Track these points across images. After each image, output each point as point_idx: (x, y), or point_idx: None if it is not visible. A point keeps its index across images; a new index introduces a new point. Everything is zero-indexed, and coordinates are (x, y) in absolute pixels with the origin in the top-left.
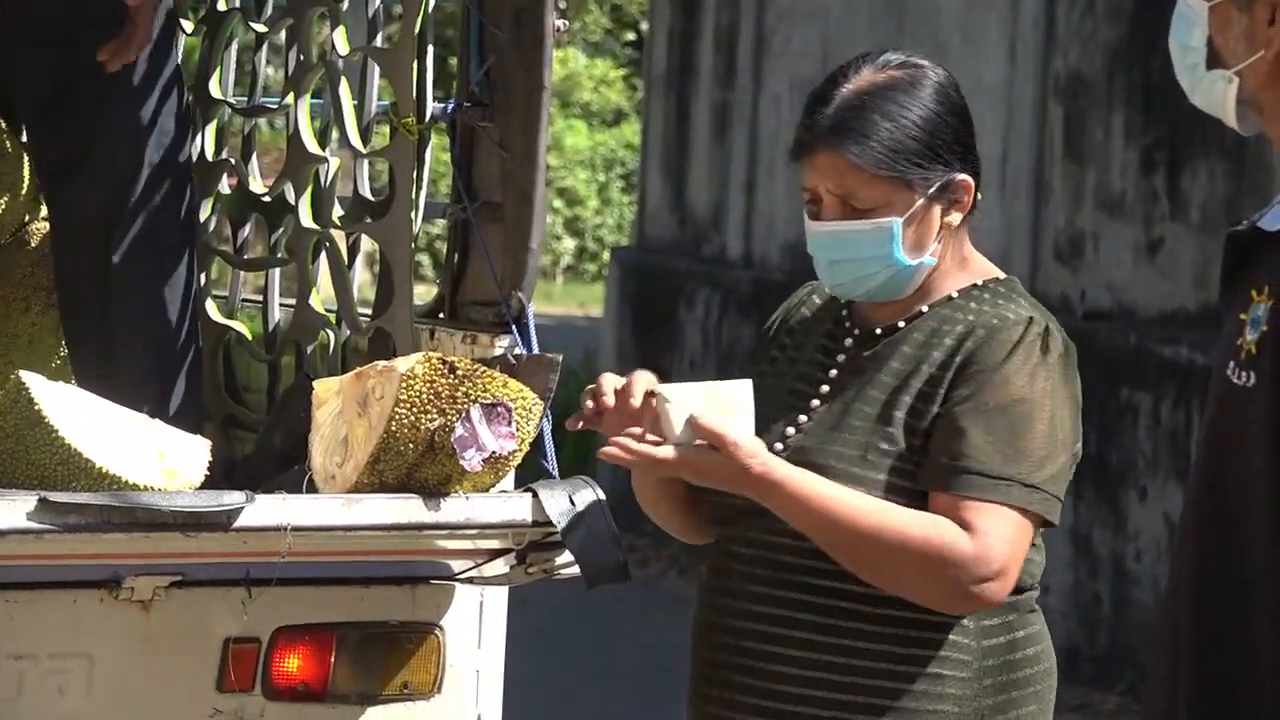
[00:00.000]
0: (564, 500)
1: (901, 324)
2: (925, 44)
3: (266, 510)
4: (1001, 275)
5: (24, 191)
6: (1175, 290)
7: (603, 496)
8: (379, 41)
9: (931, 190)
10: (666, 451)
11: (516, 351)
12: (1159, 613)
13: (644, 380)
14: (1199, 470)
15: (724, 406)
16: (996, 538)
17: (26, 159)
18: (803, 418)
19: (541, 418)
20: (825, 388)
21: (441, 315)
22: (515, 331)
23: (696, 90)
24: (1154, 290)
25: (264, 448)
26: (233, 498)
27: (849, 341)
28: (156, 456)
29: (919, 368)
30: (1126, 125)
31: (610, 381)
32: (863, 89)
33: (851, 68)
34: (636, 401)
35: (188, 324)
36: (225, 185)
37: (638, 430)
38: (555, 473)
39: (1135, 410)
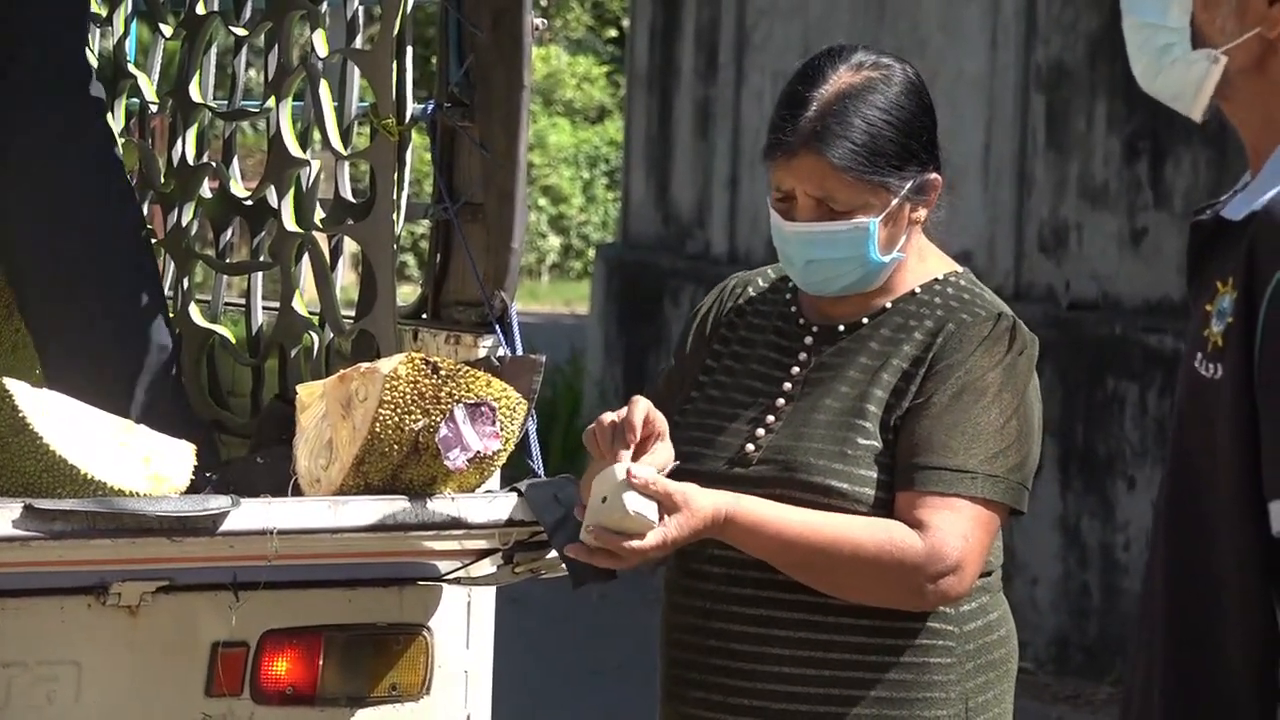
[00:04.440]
0: (550, 500)
1: (865, 320)
2: (905, 35)
3: (252, 514)
4: (959, 268)
5: None
6: (1159, 279)
7: None
8: (359, 43)
9: (906, 190)
10: (638, 544)
11: (500, 353)
12: (1139, 600)
13: (642, 408)
14: (1170, 462)
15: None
16: (950, 533)
17: None
18: (770, 417)
19: (526, 418)
20: (789, 385)
21: (425, 316)
22: (499, 331)
23: (679, 86)
24: (1138, 279)
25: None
26: (218, 502)
27: (809, 339)
28: (142, 462)
29: (888, 362)
30: (1109, 115)
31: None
32: (842, 91)
33: (826, 66)
34: (637, 436)
35: (142, 323)
36: (207, 189)
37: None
38: (541, 472)
39: (1121, 400)
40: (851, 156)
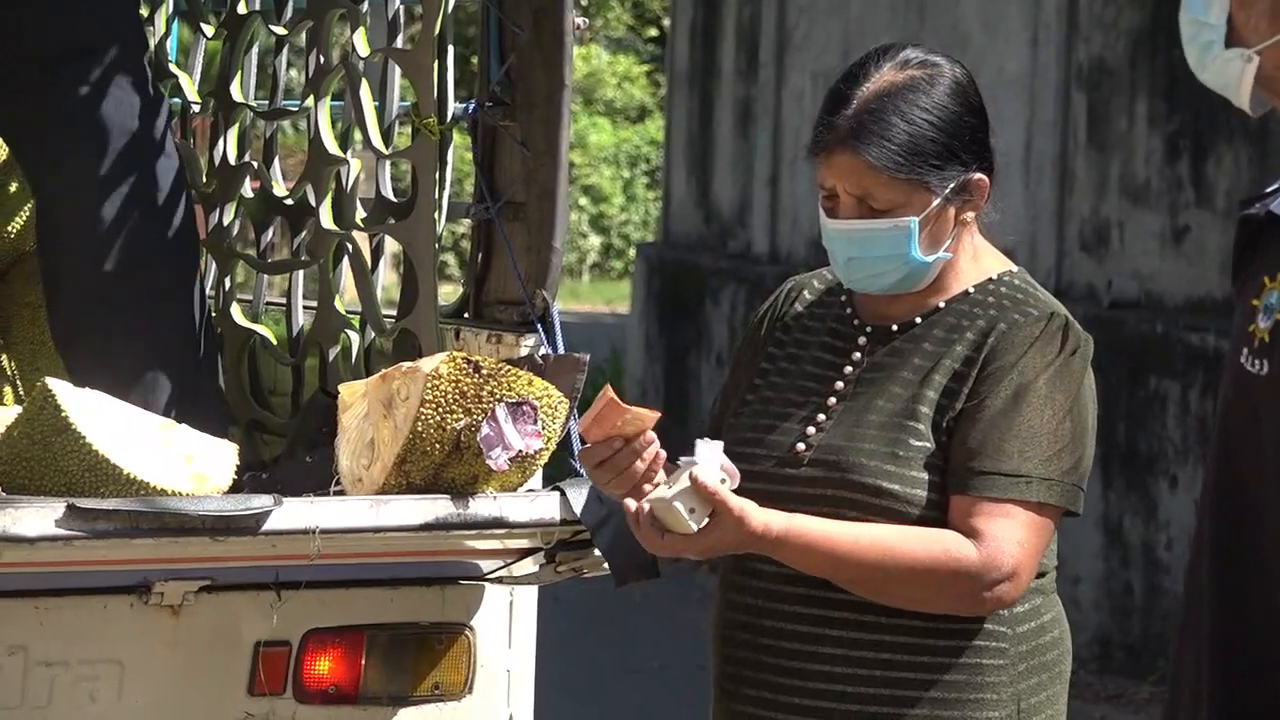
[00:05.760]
0: (592, 498)
1: (919, 320)
2: (946, 34)
3: (294, 513)
4: (1014, 268)
5: None
6: (1201, 277)
7: None
8: (400, 42)
9: (948, 190)
10: (679, 541)
11: (542, 352)
12: (1183, 597)
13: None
14: (1214, 458)
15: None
16: (1005, 540)
17: None
18: (821, 416)
19: (568, 417)
20: (841, 385)
21: (466, 315)
22: (540, 330)
23: (719, 86)
24: (1180, 278)
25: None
26: (260, 501)
27: (863, 340)
28: (184, 461)
29: (941, 363)
30: (1150, 112)
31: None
32: (882, 90)
33: (871, 64)
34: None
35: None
36: (248, 189)
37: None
38: (583, 471)
39: (1164, 399)
40: (887, 155)
